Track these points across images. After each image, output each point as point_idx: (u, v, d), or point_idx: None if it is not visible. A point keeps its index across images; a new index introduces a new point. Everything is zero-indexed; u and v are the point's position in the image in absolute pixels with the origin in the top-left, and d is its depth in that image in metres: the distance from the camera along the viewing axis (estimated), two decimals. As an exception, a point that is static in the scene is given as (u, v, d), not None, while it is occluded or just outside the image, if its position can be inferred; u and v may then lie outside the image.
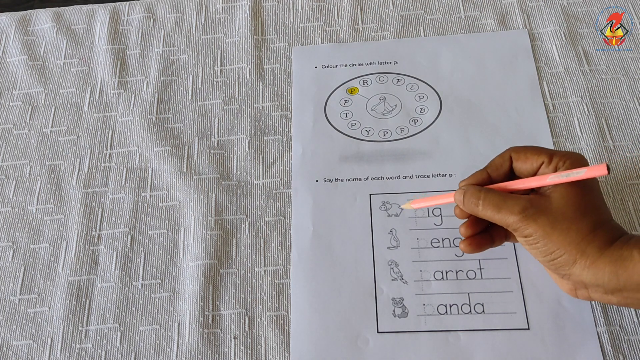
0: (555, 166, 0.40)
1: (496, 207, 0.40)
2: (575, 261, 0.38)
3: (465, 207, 0.42)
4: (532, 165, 0.41)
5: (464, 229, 0.44)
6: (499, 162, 0.43)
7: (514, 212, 0.39)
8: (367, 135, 0.56)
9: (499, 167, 0.43)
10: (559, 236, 0.38)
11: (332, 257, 0.50)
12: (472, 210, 0.42)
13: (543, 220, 0.38)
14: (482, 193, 0.41)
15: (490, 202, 0.41)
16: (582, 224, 0.38)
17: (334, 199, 0.53)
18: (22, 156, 0.58)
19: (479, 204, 0.41)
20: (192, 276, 0.50)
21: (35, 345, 0.48)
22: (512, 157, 0.43)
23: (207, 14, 0.65)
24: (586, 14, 0.62)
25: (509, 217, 0.40)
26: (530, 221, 0.39)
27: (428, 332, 0.46)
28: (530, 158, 0.42)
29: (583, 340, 0.45)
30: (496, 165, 0.43)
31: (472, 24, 0.62)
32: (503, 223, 0.40)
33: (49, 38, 0.65)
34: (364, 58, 0.61)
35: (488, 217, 0.41)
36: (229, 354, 0.47)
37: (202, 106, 0.59)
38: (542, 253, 0.39)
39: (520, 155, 0.42)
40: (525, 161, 0.42)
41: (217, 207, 0.53)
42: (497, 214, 0.40)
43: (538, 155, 0.41)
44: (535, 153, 0.41)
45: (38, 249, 0.53)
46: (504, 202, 0.40)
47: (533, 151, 0.42)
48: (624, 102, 0.56)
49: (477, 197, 0.41)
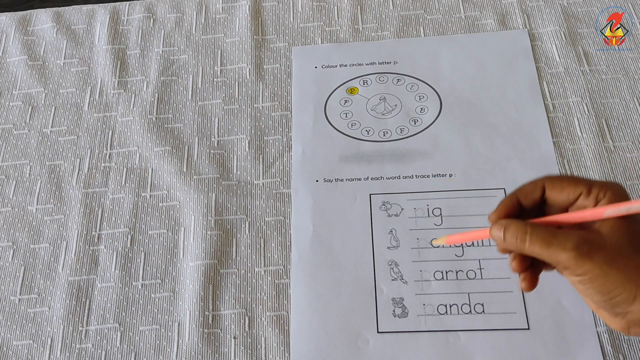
0: (595, 198, 0.38)
1: (545, 243, 0.37)
2: (635, 298, 0.36)
3: (508, 244, 0.39)
4: (568, 196, 0.39)
5: (515, 265, 0.40)
6: (530, 188, 0.40)
7: (566, 248, 0.36)
8: (367, 135, 0.56)
9: (529, 195, 0.40)
10: (617, 273, 0.36)
11: (332, 257, 0.50)
12: (516, 247, 0.38)
13: (599, 258, 0.36)
14: (528, 228, 0.38)
15: (538, 238, 0.37)
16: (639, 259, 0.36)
17: (334, 199, 0.53)
18: (22, 156, 0.58)
19: (526, 240, 0.38)
20: (192, 276, 0.50)
21: (35, 345, 0.48)
22: (546, 186, 0.40)
23: (207, 14, 0.65)
24: (586, 14, 0.62)
25: (560, 253, 0.36)
26: (586, 258, 0.36)
27: (428, 332, 0.46)
28: (567, 189, 0.39)
29: (583, 340, 0.45)
30: (527, 192, 0.40)
31: (472, 24, 0.62)
32: (553, 260, 0.37)
33: (49, 38, 0.65)
34: (364, 58, 0.61)
35: (535, 254, 0.38)
36: (229, 354, 0.47)
37: (202, 106, 0.59)
38: (598, 293, 0.37)
39: (556, 185, 0.39)
40: (562, 192, 0.39)
41: (217, 207, 0.53)
42: (546, 250, 0.37)
43: (576, 186, 0.39)
44: (572, 183, 0.39)
45: (38, 249, 0.53)
46: (554, 238, 0.37)
47: (570, 181, 0.39)
48: (624, 102, 0.56)
49: (524, 232, 0.38)
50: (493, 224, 0.40)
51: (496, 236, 0.39)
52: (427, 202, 0.51)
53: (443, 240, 0.43)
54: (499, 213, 0.40)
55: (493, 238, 0.40)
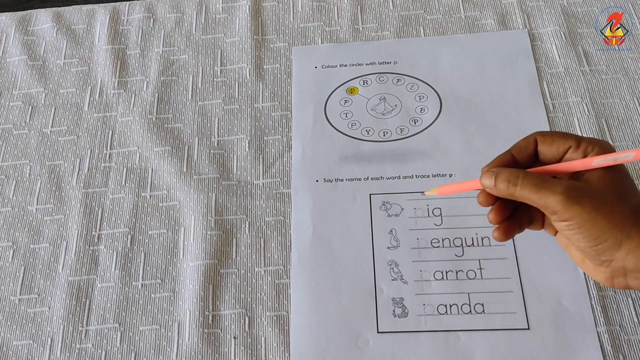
0: (584, 151, 0.40)
1: (535, 187, 0.38)
2: (620, 245, 0.37)
3: (498, 190, 0.40)
4: (558, 149, 0.41)
5: (492, 215, 0.42)
6: (523, 144, 0.42)
7: (556, 192, 0.38)
8: (367, 135, 0.56)
9: (523, 150, 0.42)
10: (604, 219, 0.37)
11: (332, 257, 0.50)
12: (506, 192, 0.40)
13: (587, 203, 0.37)
14: (520, 173, 0.39)
15: (529, 182, 0.39)
16: (624, 206, 0.37)
17: (334, 199, 0.53)
18: (22, 156, 0.58)
19: (517, 184, 0.39)
20: (192, 276, 0.50)
21: (35, 345, 0.48)
22: (538, 140, 0.42)
23: (207, 14, 0.65)
24: (586, 14, 0.62)
25: (549, 197, 0.38)
26: (574, 203, 0.37)
27: (428, 332, 0.46)
28: (557, 142, 0.41)
29: (583, 340, 0.45)
30: (520, 148, 0.42)
31: (472, 24, 0.62)
32: (542, 204, 0.39)
33: (49, 38, 0.65)
34: (364, 58, 0.61)
35: (525, 197, 0.39)
36: (229, 354, 0.47)
37: (202, 106, 0.59)
38: (585, 238, 0.38)
39: (547, 139, 0.41)
40: (552, 145, 0.41)
41: (217, 207, 0.53)
42: (536, 193, 0.38)
43: (565, 140, 0.41)
44: (562, 137, 0.41)
45: (38, 249, 0.53)
46: (544, 182, 0.38)
47: (560, 135, 0.41)
48: (624, 102, 0.56)
49: (516, 176, 0.39)
50: (485, 172, 0.42)
51: (487, 184, 0.41)
52: (427, 202, 0.51)
53: (435, 191, 0.45)
54: (492, 165, 0.42)
55: (483, 185, 0.41)
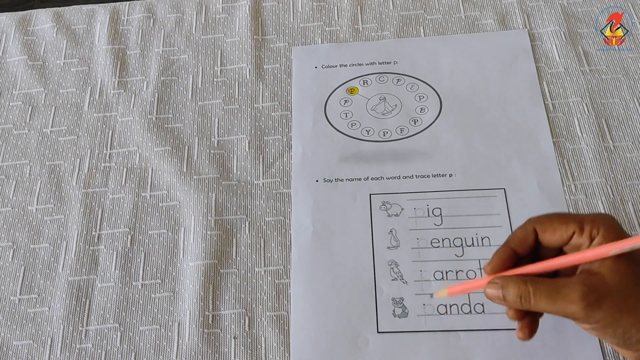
0: (589, 235, 0.37)
1: (550, 299, 0.36)
2: None
3: (512, 304, 0.38)
4: (562, 236, 0.38)
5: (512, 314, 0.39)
6: (521, 235, 0.40)
7: (574, 300, 0.35)
8: (367, 135, 0.56)
9: (523, 242, 0.39)
10: (629, 317, 0.35)
11: (332, 257, 0.50)
12: (521, 307, 0.38)
13: (609, 305, 0.35)
14: (529, 287, 0.37)
15: (543, 295, 0.36)
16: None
17: (334, 199, 0.53)
18: (22, 156, 0.58)
19: (530, 300, 0.37)
20: (192, 276, 0.50)
21: (35, 345, 0.48)
22: (537, 230, 0.39)
23: (207, 14, 0.65)
24: (586, 14, 0.62)
25: (568, 307, 0.36)
26: (595, 308, 0.35)
27: (428, 332, 0.46)
28: (559, 229, 0.38)
29: (583, 340, 0.45)
30: (520, 240, 0.39)
31: (472, 24, 0.62)
32: (562, 314, 0.36)
33: (49, 38, 0.65)
34: (364, 58, 0.61)
35: (542, 310, 0.37)
36: (229, 354, 0.47)
37: (202, 106, 0.59)
38: (612, 337, 0.36)
39: (547, 227, 0.39)
40: (554, 233, 0.38)
41: (217, 207, 0.53)
42: (553, 306, 0.36)
43: (567, 225, 0.38)
44: (562, 223, 0.38)
45: (38, 249, 0.53)
46: (558, 292, 0.36)
47: (560, 221, 0.38)
48: (624, 102, 0.56)
49: (527, 292, 0.37)
50: (488, 282, 0.39)
51: (494, 295, 0.38)
52: (427, 202, 0.51)
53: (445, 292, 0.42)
54: (493, 266, 0.39)
55: (490, 297, 0.39)
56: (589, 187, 0.52)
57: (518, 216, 0.50)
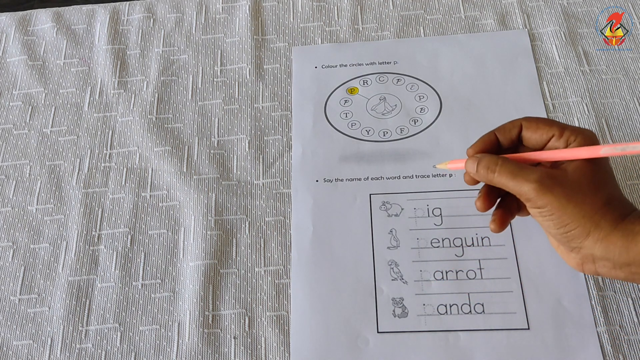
0: (566, 140, 0.41)
1: (512, 174, 0.40)
2: (589, 234, 0.38)
3: (479, 175, 0.42)
4: (541, 136, 0.41)
5: (479, 203, 0.43)
6: (508, 127, 0.43)
7: (530, 180, 0.39)
8: (367, 135, 0.56)
9: (507, 132, 0.43)
10: (574, 208, 0.38)
11: (332, 257, 0.50)
12: (486, 178, 0.41)
13: (559, 192, 0.38)
14: (499, 160, 0.41)
15: (506, 170, 0.40)
16: (596, 197, 0.38)
17: (334, 199, 0.53)
18: (22, 156, 0.58)
19: (495, 171, 0.40)
20: (192, 276, 0.50)
21: (35, 345, 0.48)
22: (523, 126, 0.42)
23: (207, 14, 0.65)
24: (586, 14, 0.62)
25: (524, 185, 0.39)
26: (546, 191, 0.38)
27: (428, 332, 0.46)
28: (542, 129, 0.41)
29: (583, 340, 0.45)
30: (505, 130, 0.43)
31: (472, 24, 0.62)
32: (517, 191, 0.40)
33: (49, 38, 0.65)
34: (364, 58, 0.61)
35: (502, 184, 0.41)
36: (229, 354, 0.47)
37: (202, 106, 0.59)
38: (555, 225, 0.39)
39: (532, 124, 0.42)
40: (536, 131, 0.42)
41: (217, 207, 0.53)
42: (512, 180, 0.40)
43: (549, 127, 0.41)
44: (546, 125, 0.41)
45: (38, 249, 0.53)
46: (520, 170, 0.40)
47: (545, 122, 0.42)
48: (624, 102, 0.56)
49: (495, 163, 0.41)
50: (469, 157, 0.43)
51: (470, 168, 0.43)
52: (427, 202, 0.51)
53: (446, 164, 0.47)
54: (476, 147, 0.43)
55: (467, 170, 0.43)
56: (589, 187, 0.52)
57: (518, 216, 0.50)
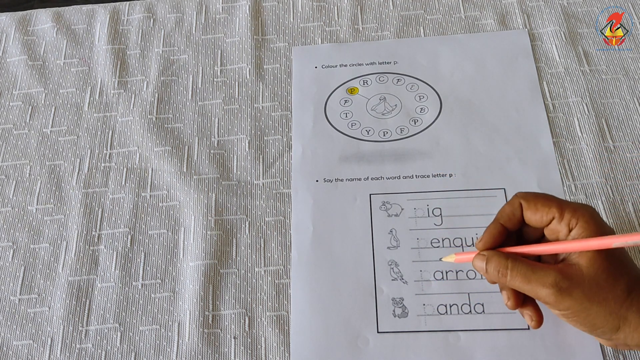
0: (568, 223, 0.39)
1: (525, 278, 0.38)
2: (619, 329, 0.37)
3: (490, 276, 0.40)
4: (542, 218, 0.40)
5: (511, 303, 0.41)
6: (509, 211, 0.41)
7: (546, 285, 0.37)
8: (367, 135, 0.56)
9: (511, 217, 0.41)
10: (598, 308, 0.36)
11: (332, 257, 0.50)
12: (498, 281, 0.40)
13: (578, 294, 0.36)
14: (509, 262, 0.39)
15: (519, 274, 0.38)
16: (618, 290, 0.37)
17: (334, 199, 0.53)
18: (22, 156, 0.58)
19: (507, 275, 0.39)
20: (192, 276, 0.50)
21: (35, 345, 0.48)
22: (522, 205, 0.40)
23: (207, 14, 0.65)
24: (586, 14, 0.62)
25: (540, 290, 0.37)
26: (565, 295, 0.37)
27: (428, 332, 0.46)
28: (541, 210, 0.39)
29: (583, 340, 0.45)
30: (508, 216, 0.41)
31: (472, 24, 0.62)
32: (534, 296, 0.38)
33: (49, 38, 0.65)
34: (364, 58, 0.61)
35: (517, 287, 0.39)
36: (229, 354, 0.47)
37: (202, 106, 0.59)
38: (582, 325, 0.38)
39: (531, 205, 0.40)
40: (535, 213, 0.40)
41: (217, 207, 0.53)
42: (527, 285, 0.38)
43: (549, 209, 0.39)
44: (545, 205, 0.39)
45: (38, 249, 0.53)
46: (533, 274, 0.38)
47: (543, 203, 0.40)
48: (624, 102, 0.56)
49: (505, 267, 0.39)
50: (476, 254, 0.41)
51: (479, 267, 0.41)
52: (427, 202, 0.51)
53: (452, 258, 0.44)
54: (484, 242, 0.41)
55: (476, 269, 0.41)
56: (589, 187, 0.52)
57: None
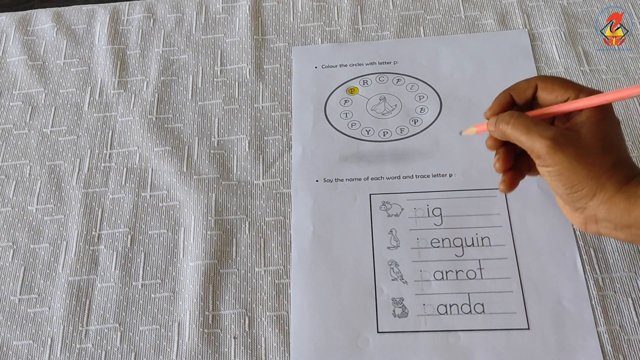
0: None
1: (526, 128, 0.40)
2: (594, 195, 0.39)
3: (497, 131, 0.42)
4: (557, 98, 0.41)
5: (498, 164, 0.43)
6: (524, 86, 0.43)
7: (544, 136, 0.39)
8: (367, 135, 0.56)
9: (522, 92, 0.43)
10: (583, 170, 0.38)
11: (332, 257, 0.50)
12: (501, 133, 0.42)
13: (570, 151, 0.39)
14: (515, 114, 0.41)
15: (521, 124, 0.40)
16: (605, 159, 0.39)
17: (334, 199, 0.53)
18: (22, 156, 0.58)
19: (510, 123, 0.41)
20: (192, 276, 0.50)
21: (35, 345, 0.48)
22: (538, 85, 0.42)
23: (207, 14, 0.65)
24: (586, 14, 0.62)
25: (537, 141, 0.39)
26: (558, 150, 0.39)
27: (428, 332, 0.46)
28: (557, 90, 0.41)
29: (583, 340, 0.45)
30: (520, 89, 0.43)
31: (472, 24, 0.62)
32: (529, 147, 0.40)
33: (49, 38, 0.65)
34: (364, 58, 0.61)
35: (515, 138, 0.41)
36: (229, 354, 0.47)
37: (202, 106, 0.59)
38: (563, 185, 0.40)
39: (547, 85, 0.42)
40: (551, 93, 0.41)
41: (217, 207, 0.53)
42: (525, 135, 0.40)
43: (565, 90, 0.41)
44: (562, 86, 0.41)
45: (38, 249, 0.53)
46: (535, 125, 0.40)
47: (560, 84, 0.41)
48: (624, 102, 0.56)
49: (510, 116, 0.41)
50: (489, 120, 0.43)
51: (490, 127, 0.43)
52: (427, 202, 0.51)
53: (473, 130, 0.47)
54: (493, 109, 0.44)
55: (489, 130, 0.44)
56: (589, 187, 0.52)
57: (518, 216, 0.50)
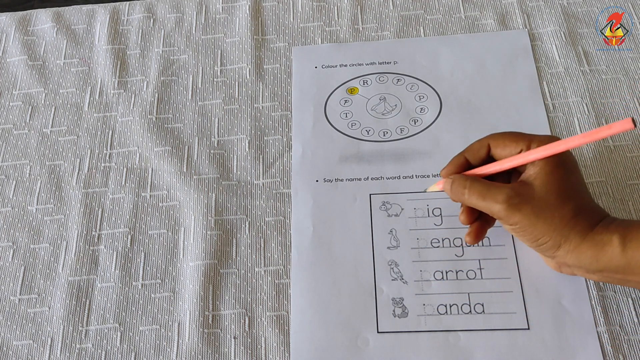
0: None
1: (481, 195, 0.41)
2: (560, 246, 0.40)
3: (453, 195, 0.44)
4: (510, 152, 0.42)
5: (463, 217, 0.44)
6: (476, 147, 0.44)
7: (498, 200, 0.40)
8: (367, 135, 0.56)
9: (475, 153, 0.44)
10: (544, 225, 0.40)
11: (332, 257, 0.50)
12: (459, 199, 0.43)
13: (527, 210, 0.40)
14: (467, 182, 0.42)
15: (475, 190, 0.42)
16: (564, 210, 0.40)
17: (334, 199, 0.53)
18: (22, 156, 0.58)
19: (465, 193, 0.42)
20: (192, 276, 0.50)
21: (35, 345, 0.48)
22: (490, 144, 0.44)
23: (207, 14, 0.65)
24: (586, 14, 0.62)
25: (493, 205, 0.41)
26: (515, 210, 0.40)
27: (428, 332, 0.46)
28: (509, 145, 0.42)
29: (583, 340, 0.45)
30: (473, 151, 0.44)
31: (472, 24, 0.62)
32: (488, 211, 0.42)
33: (49, 38, 0.65)
34: (364, 58, 0.61)
35: (474, 204, 0.42)
36: (229, 354, 0.47)
37: (202, 106, 0.59)
38: (528, 239, 0.41)
39: (499, 142, 0.43)
40: (504, 148, 0.43)
41: (217, 207, 0.53)
42: (482, 201, 0.41)
43: (517, 143, 0.42)
44: (513, 140, 0.42)
45: (38, 249, 0.53)
46: (488, 191, 0.41)
47: (511, 138, 0.43)
48: (624, 102, 0.56)
49: (463, 185, 0.42)
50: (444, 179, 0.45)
51: (445, 188, 0.45)
52: (427, 202, 0.51)
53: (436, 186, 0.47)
54: (448, 170, 0.45)
55: (444, 190, 0.45)
56: (589, 187, 0.51)
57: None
